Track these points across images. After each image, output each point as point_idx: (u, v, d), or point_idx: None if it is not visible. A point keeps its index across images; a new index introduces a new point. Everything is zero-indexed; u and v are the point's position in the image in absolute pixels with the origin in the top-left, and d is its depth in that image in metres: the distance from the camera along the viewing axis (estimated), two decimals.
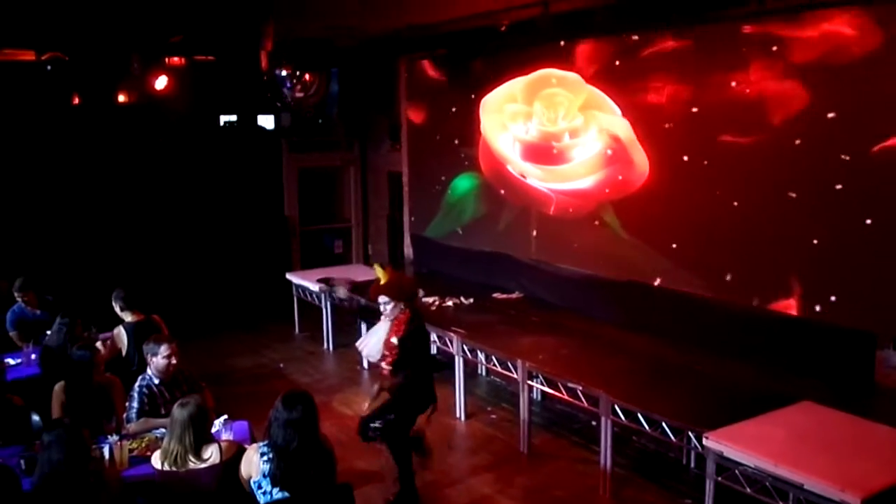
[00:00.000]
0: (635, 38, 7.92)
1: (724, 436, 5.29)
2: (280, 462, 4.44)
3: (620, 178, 8.28)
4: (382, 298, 6.18)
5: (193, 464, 4.68)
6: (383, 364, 6.15)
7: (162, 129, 12.85)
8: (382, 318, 6.24)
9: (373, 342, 6.30)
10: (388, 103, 12.83)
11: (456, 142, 10.76)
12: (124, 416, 5.77)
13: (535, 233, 9.54)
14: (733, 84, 7.03)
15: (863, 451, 5.08)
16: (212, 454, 4.72)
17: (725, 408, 5.83)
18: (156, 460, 4.78)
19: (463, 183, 10.78)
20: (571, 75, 8.72)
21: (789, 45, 6.59)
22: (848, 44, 6.19)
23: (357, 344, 6.56)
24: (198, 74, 12.28)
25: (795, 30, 6.54)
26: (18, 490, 4.19)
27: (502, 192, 10.02)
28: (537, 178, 9.41)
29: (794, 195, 6.67)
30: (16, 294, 8.10)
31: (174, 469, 4.68)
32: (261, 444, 4.60)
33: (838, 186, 6.33)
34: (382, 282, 6.40)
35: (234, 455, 4.75)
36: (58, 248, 11.10)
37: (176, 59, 11.93)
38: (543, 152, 9.25)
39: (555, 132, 9.05)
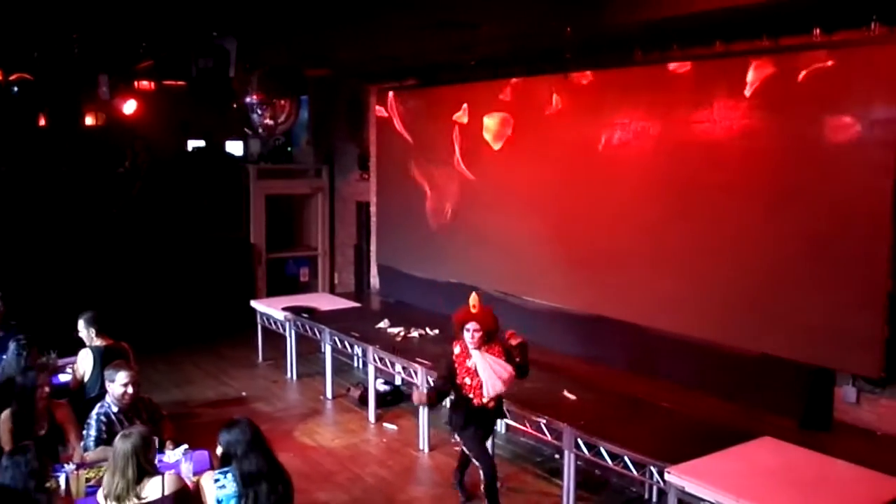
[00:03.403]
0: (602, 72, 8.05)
1: (686, 470, 5.31)
2: (251, 489, 4.43)
3: (587, 210, 8.36)
4: (474, 325, 6.20)
5: (133, 500, 4.48)
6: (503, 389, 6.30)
7: (129, 152, 12.80)
8: (474, 353, 6.23)
9: (488, 373, 6.22)
10: (357, 132, 12.87)
11: (422, 171, 10.82)
12: (81, 444, 5.66)
13: (501, 265, 9.55)
14: (699, 122, 7.16)
15: (822, 487, 5.14)
16: (155, 489, 4.56)
17: (688, 442, 5.86)
18: (100, 496, 4.58)
19: None
20: (541, 107, 8.82)
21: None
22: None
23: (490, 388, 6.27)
24: (167, 99, 12.25)
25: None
26: None
27: (469, 222, 10.05)
28: (502, 209, 9.47)
29: (759, 229, 6.78)
30: None
31: None
32: (215, 472, 4.56)
33: (800, 224, 6.45)
34: (475, 310, 6.26)
35: (180, 489, 4.63)
36: (20, 272, 10.92)
37: (145, 83, 11.88)
38: (511, 184, 9.32)
39: (520, 167, 9.13)
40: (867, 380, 6.26)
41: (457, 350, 6.33)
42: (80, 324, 7.12)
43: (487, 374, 6.18)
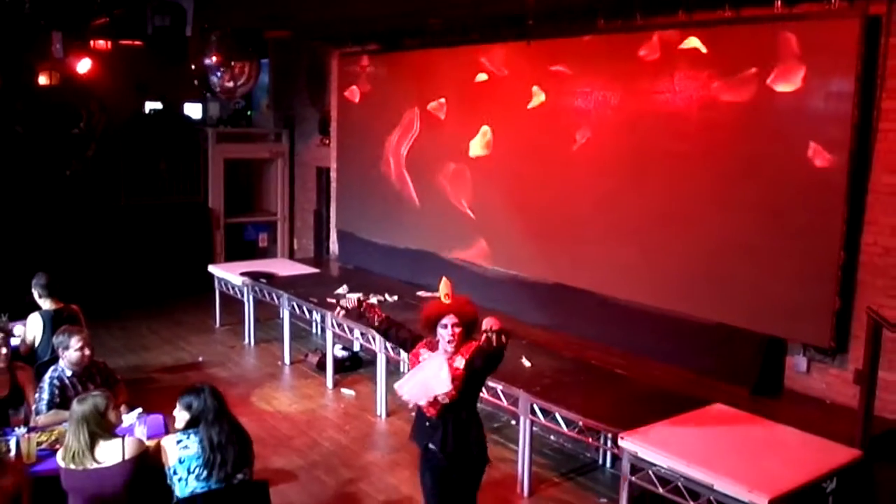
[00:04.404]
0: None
1: (639, 436, 5.39)
2: (218, 454, 4.51)
3: (547, 178, 8.37)
4: (451, 319, 4.78)
5: (91, 463, 4.54)
6: (446, 399, 4.76)
7: (84, 113, 12.56)
8: (438, 351, 4.87)
9: (426, 375, 4.81)
10: (318, 97, 12.73)
11: (382, 138, 10.74)
12: (34, 407, 5.60)
13: (460, 232, 9.54)
14: (659, 92, 7.19)
15: (771, 453, 5.24)
16: (111, 454, 4.58)
17: (642, 409, 5.94)
18: (59, 457, 4.65)
19: None
20: (502, 74, 8.78)
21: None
22: None
23: (398, 385, 4.97)
24: (123, 59, 12.01)
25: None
26: None
27: (429, 190, 10.02)
28: (461, 178, 9.45)
29: (715, 200, 6.84)
30: None
31: (72, 467, 4.55)
32: (178, 433, 4.63)
33: (755, 195, 6.52)
34: (447, 300, 4.86)
35: (140, 453, 4.66)
36: None
37: (101, 42, 11.63)
38: (469, 153, 9.30)
39: (476, 133, 9.12)
40: (818, 349, 6.37)
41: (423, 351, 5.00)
42: (32, 284, 7.02)
43: (427, 371, 4.83)
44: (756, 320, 6.58)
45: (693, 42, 6.87)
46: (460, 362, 4.75)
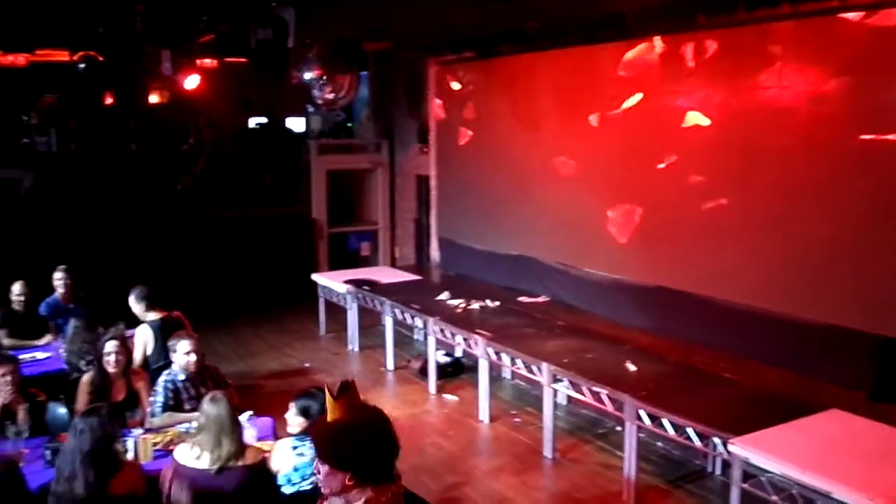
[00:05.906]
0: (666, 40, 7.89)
1: (751, 442, 5.22)
2: None
3: (647, 179, 8.23)
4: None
5: (216, 463, 4.50)
6: None
7: (193, 129, 13.03)
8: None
9: None
10: (417, 106, 12.85)
11: (482, 144, 10.76)
12: (148, 410, 5.82)
13: (561, 236, 9.47)
14: (765, 88, 6.98)
15: (891, 460, 5.00)
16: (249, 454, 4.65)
17: (753, 415, 5.74)
18: (192, 459, 4.55)
19: None
20: (601, 77, 8.69)
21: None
22: None
23: None
24: (228, 75, 12.41)
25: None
26: (22, 488, 4.24)
27: (530, 195, 9.98)
28: (563, 181, 9.38)
29: (823, 202, 6.59)
30: (57, 279, 8.11)
31: (197, 466, 4.53)
32: (292, 438, 4.66)
33: (867, 190, 6.24)
34: (333, 413, 3.13)
35: (257, 462, 4.64)
36: (89, 247, 11.20)
37: (207, 60, 12.05)
38: (571, 156, 9.22)
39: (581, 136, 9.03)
40: None
41: None
42: (131, 300, 7.17)
43: None
44: (871, 321, 6.29)
45: (804, 32, 6.67)
46: None
